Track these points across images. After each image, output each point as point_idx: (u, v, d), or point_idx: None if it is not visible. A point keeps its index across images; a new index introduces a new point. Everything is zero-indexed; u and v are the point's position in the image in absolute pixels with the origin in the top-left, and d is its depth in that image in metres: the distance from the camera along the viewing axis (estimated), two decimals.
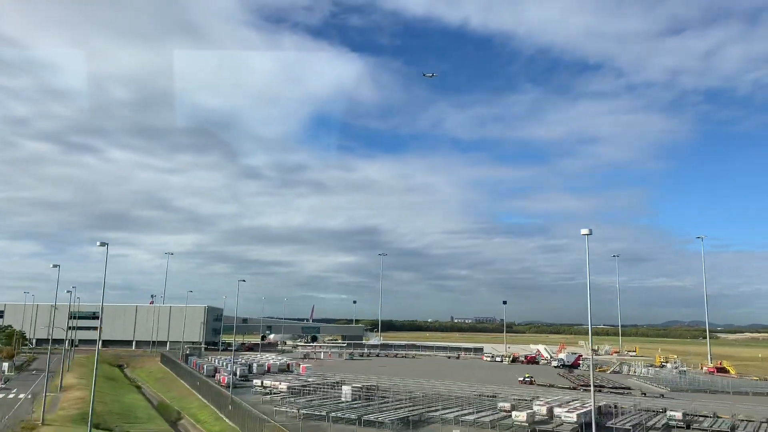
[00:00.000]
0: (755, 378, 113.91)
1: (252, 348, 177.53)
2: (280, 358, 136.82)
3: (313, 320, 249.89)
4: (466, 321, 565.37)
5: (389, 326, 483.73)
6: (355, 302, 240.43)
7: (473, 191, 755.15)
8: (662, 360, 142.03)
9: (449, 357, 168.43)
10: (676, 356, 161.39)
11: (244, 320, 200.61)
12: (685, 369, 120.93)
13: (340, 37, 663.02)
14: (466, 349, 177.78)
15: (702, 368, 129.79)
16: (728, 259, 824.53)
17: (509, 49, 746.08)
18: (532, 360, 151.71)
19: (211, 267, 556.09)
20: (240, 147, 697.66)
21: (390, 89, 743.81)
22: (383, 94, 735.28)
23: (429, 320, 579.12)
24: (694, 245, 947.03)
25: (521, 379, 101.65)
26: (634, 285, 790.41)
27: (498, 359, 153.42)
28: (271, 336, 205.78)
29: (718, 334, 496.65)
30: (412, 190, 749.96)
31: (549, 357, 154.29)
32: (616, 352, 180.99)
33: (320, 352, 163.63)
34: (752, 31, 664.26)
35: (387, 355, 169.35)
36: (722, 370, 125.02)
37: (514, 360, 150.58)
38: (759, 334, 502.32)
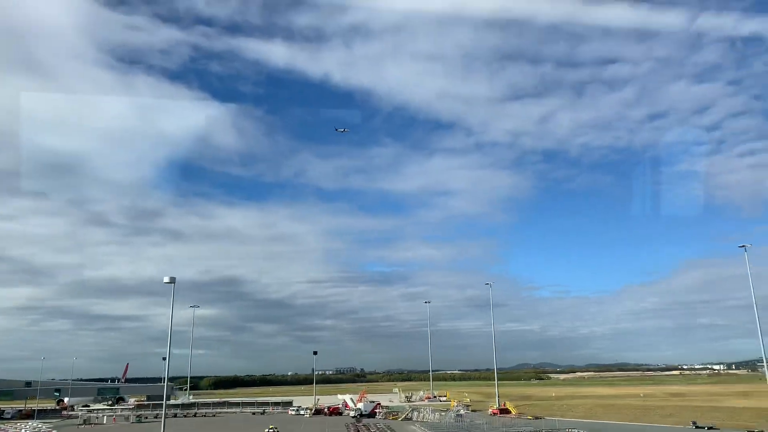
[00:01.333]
0: (529, 417, 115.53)
1: (30, 415, 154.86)
2: (40, 426, 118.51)
3: (126, 380, 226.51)
4: (327, 372, 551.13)
5: (235, 382, 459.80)
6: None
7: (337, 240, 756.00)
8: (456, 403, 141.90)
9: (254, 413, 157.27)
10: (468, 399, 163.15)
11: (28, 383, 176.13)
12: (462, 413, 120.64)
13: (199, 82, 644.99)
14: (276, 403, 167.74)
15: (489, 410, 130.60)
16: (569, 304, 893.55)
17: (370, 104, 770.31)
18: (335, 411, 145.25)
19: (47, 323, 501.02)
20: (87, 192, 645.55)
21: (252, 137, 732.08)
22: (245, 141, 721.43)
23: (289, 373, 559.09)
24: (539, 291, 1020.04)
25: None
26: (488, 330, 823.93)
27: (302, 412, 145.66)
28: (66, 399, 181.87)
29: (551, 375, 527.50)
30: (276, 239, 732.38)
31: (353, 406, 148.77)
32: (428, 398, 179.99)
33: (104, 416, 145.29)
34: (579, 101, 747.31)
35: (186, 415, 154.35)
36: (504, 411, 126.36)
37: (318, 412, 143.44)
38: (586, 374, 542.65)
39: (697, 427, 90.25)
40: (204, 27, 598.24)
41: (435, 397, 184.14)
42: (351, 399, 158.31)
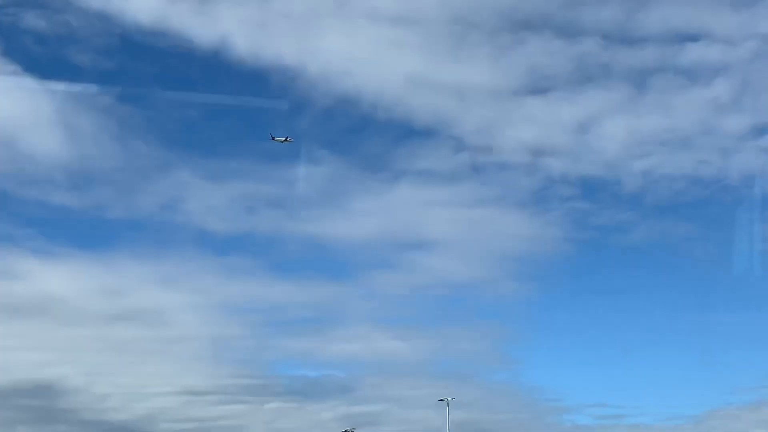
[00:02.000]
0: None
1: None
2: None
3: None
4: None
5: None
6: None
7: (233, 322, 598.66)
8: None
9: None
10: None
11: None
12: None
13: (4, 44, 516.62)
14: None
15: None
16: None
17: (295, 94, 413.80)
18: None
19: None
20: None
21: (92, 140, 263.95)
22: (79, 148, 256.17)
23: None
24: (574, 415, 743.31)
25: None
26: None
27: None
28: None
29: None
30: (125, 317, 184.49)
31: None
32: None
33: None
34: (640, 101, 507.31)
35: None
36: None
37: None
38: None
39: None
40: None
41: None
42: None
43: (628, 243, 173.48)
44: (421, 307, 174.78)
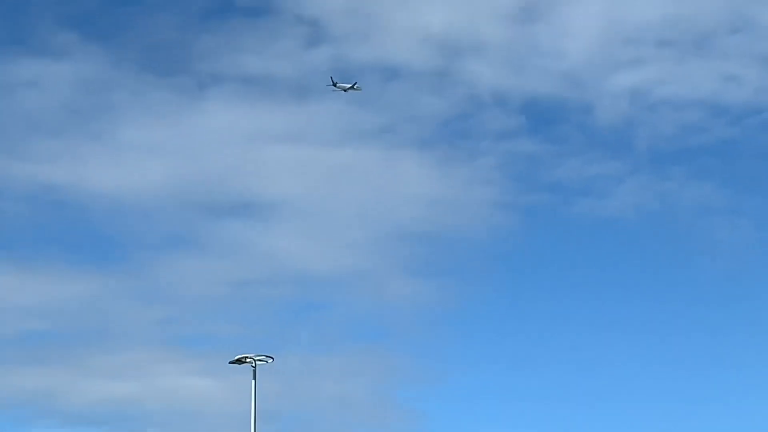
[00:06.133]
0: None
1: None
2: None
3: None
4: None
5: None
6: None
7: None
8: None
9: None
10: None
11: None
12: None
13: None
14: None
15: None
16: None
17: None
18: None
19: None
20: None
21: None
22: None
23: None
24: None
25: None
26: None
27: None
28: None
29: None
30: None
31: None
32: None
33: None
34: None
35: None
36: None
37: None
38: None
39: None
40: None
41: None
42: None
43: (605, 212, 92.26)
44: (246, 319, 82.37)
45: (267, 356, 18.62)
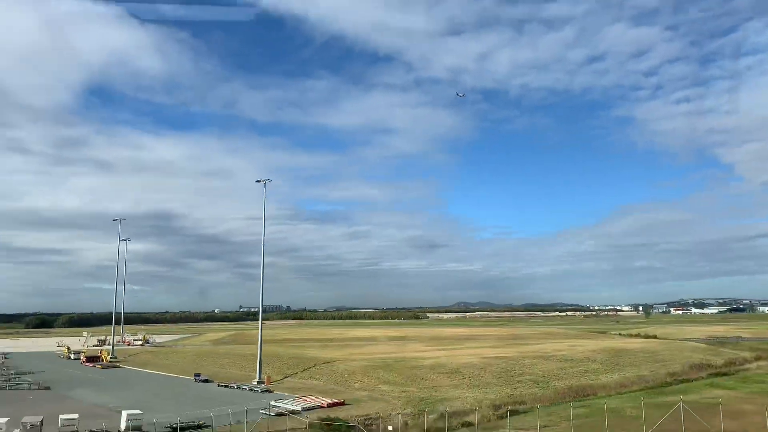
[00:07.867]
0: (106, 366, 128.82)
1: None
2: None
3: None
4: (252, 309, 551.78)
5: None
6: None
7: (273, 176, 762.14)
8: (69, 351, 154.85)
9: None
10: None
11: None
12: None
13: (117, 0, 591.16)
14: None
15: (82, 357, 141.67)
16: (510, 245, 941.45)
17: (302, 33, 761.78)
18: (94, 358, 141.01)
19: None
20: (4, 117, 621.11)
21: (176, 62, 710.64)
22: (169, 67, 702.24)
23: (216, 311, 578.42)
24: (482, 233, 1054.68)
25: None
26: (432, 269, 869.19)
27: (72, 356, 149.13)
28: None
29: (434, 314, 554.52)
30: (209, 174, 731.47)
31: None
32: (127, 342, 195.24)
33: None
34: (518, 39, 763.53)
35: None
36: (94, 358, 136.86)
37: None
38: (467, 314, 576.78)
39: None
40: None
41: (124, 342, 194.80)
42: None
43: (513, 129, 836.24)
44: (388, 169, 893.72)
45: None
